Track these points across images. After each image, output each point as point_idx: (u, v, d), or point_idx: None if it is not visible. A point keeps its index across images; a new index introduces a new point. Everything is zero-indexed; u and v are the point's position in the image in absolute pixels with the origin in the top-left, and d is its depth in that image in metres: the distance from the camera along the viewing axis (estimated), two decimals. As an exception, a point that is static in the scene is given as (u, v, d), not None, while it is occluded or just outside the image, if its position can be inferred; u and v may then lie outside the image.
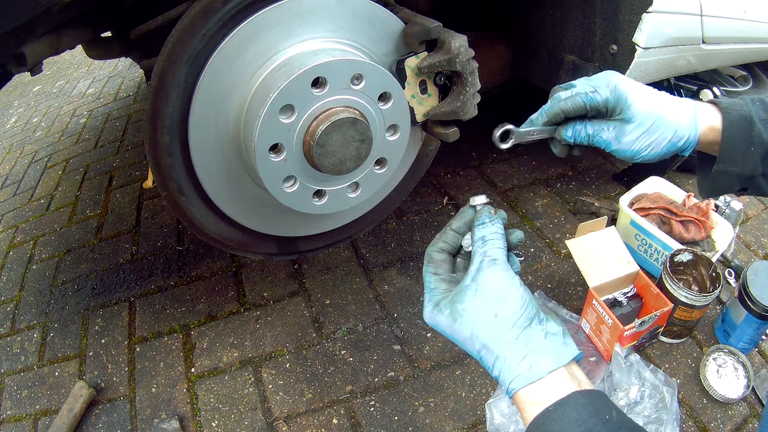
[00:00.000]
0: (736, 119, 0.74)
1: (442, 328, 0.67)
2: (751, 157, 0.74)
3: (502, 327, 0.62)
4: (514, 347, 0.62)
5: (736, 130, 0.74)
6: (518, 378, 0.60)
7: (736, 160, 0.75)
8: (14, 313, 1.82)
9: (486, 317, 0.63)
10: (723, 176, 0.77)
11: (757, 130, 0.73)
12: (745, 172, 0.75)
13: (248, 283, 1.72)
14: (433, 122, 1.22)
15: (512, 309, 0.63)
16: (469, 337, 0.64)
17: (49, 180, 2.56)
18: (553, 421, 0.57)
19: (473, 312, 0.64)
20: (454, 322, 0.65)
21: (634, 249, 1.60)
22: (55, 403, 1.49)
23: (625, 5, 1.28)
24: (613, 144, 0.79)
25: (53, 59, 4.36)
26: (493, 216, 0.70)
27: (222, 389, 1.44)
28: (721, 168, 0.76)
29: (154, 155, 1.02)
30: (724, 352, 1.36)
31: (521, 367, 0.60)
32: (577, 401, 0.58)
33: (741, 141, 0.74)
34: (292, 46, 1.01)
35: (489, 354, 0.63)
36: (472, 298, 0.64)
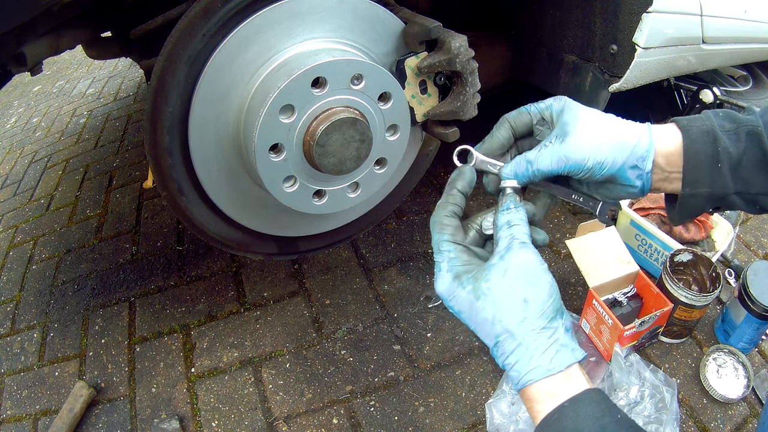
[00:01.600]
0: (697, 135, 0.66)
1: (458, 303, 0.63)
2: (720, 175, 0.66)
3: (531, 314, 0.60)
4: (538, 337, 0.59)
5: (699, 146, 0.66)
6: (537, 369, 0.59)
7: (703, 181, 0.66)
8: (14, 313, 1.82)
9: (514, 301, 0.60)
10: (691, 200, 0.68)
11: (723, 145, 0.65)
12: (715, 192, 0.67)
13: (248, 283, 1.72)
14: (433, 122, 1.22)
15: (542, 296, 0.60)
16: (490, 320, 0.61)
17: (49, 180, 2.56)
18: (569, 417, 0.56)
19: (500, 293, 0.60)
20: (477, 300, 0.61)
21: (634, 249, 1.60)
22: (55, 403, 1.49)
23: (625, 5, 1.28)
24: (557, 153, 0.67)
25: (53, 59, 4.36)
26: (518, 203, 0.68)
27: (222, 389, 1.44)
28: (688, 191, 0.67)
29: (154, 155, 1.02)
30: (724, 352, 1.36)
31: (543, 358, 0.59)
32: (591, 398, 0.57)
33: (706, 158, 0.66)
34: (292, 46, 1.01)
35: (510, 341, 0.60)
36: (500, 278, 0.61)
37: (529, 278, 0.61)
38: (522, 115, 0.74)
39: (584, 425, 0.55)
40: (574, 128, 0.68)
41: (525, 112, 0.74)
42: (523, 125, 0.75)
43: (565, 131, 0.68)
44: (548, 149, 0.68)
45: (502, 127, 0.75)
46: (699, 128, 0.67)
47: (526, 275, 0.61)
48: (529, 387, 0.59)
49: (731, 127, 0.66)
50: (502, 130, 0.75)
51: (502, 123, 0.75)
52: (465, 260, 0.65)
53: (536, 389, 0.59)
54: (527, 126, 0.75)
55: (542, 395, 0.59)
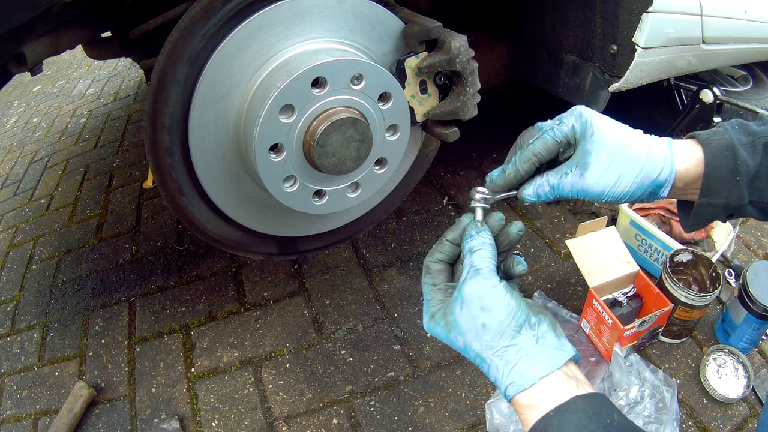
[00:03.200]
0: (718, 150, 0.68)
1: (440, 338, 0.69)
2: (737, 188, 0.67)
3: (490, 337, 0.63)
4: (504, 356, 0.62)
5: (720, 161, 0.67)
6: (511, 386, 0.61)
7: (721, 192, 0.68)
8: (14, 313, 1.82)
9: (473, 328, 0.64)
10: (707, 209, 0.70)
11: (742, 158, 0.67)
12: (731, 203, 0.69)
13: (248, 283, 1.72)
14: (433, 122, 1.22)
15: (498, 318, 0.63)
16: (463, 348, 0.66)
17: (49, 180, 2.56)
18: (554, 427, 0.57)
19: (462, 323, 0.65)
20: (449, 333, 0.67)
21: (634, 249, 1.60)
22: (55, 403, 1.49)
23: (625, 5, 1.28)
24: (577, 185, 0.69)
25: (53, 59, 4.36)
26: (480, 228, 0.70)
27: (222, 389, 1.44)
28: (704, 201, 0.69)
29: (154, 155, 1.02)
30: (724, 352, 1.36)
31: (513, 375, 0.61)
32: (577, 406, 0.58)
33: (726, 172, 0.67)
34: (292, 46, 1.01)
35: (482, 362, 0.64)
36: (459, 310, 0.65)
37: (482, 304, 0.64)
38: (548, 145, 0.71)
39: None
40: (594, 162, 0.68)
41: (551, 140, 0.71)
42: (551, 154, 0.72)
43: (585, 163, 0.69)
44: (569, 179, 0.70)
45: (527, 162, 0.72)
46: (719, 143, 0.68)
47: (479, 301, 0.64)
48: (512, 400, 0.62)
49: (748, 140, 0.68)
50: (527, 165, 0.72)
51: (528, 158, 0.72)
52: (439, 300, 0.71)
53: (518, 402, 0.62)
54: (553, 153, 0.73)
55: (523, 407, 0.61)
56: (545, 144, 0.71)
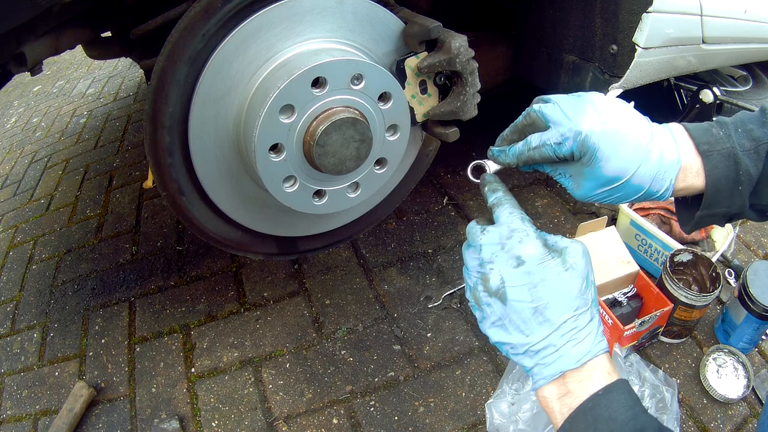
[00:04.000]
0: (719, 161, 0.67)
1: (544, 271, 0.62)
2: (740, 197, 0.67)
3: (595, 295, 0.64)
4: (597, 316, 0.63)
5: (722, 172, 0.66)
6: (602, 342, 0.62)
7: (722, 203, 0.68)
8: (14, 313, 1.82)
9: (590, 280, 0.64)
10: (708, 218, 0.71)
11: (744, 167, 0.66)
12: (731, 211, 0.69)
13: (248, 283, 1.72)
14: (433, 122, 1.22)
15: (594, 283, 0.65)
16: (576, 292, 0.62)
17: (49, 180, 2.56)
18: (602, 406, 0.58)
19: (581, 269, 0.63)
20: (565, 271, 0.62)
21: (634, 249, 1.60)
22: (55, 403, 1.49)
23: (625, 5, 1.28)
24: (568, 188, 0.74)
25: (53, 59, 4.36)
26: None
27: (222, 389, 1.44)
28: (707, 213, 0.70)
29: (154, 155, 1.02)
30: (724, 352, 1.36)
31: (601, 335, 0.62)
32: (624, 387, 0.59)
33: (727, 182, 0.67)
34: (292, 46, 1.01)
35: (586, 314, 0.61)
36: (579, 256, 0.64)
37: (590, 263, 0.65)
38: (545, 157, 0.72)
39: (617, 413, 0.57)
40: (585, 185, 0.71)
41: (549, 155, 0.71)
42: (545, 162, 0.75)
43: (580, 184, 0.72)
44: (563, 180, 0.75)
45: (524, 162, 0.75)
46: (720, 153, 0.67)
47: (590, 261, 0.65)
48: (590, 362, 0.60)
49: (751, 145, 0.67)
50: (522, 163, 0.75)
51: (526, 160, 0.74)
52: (544, 238, 0.66)
53: (596, 363, 0.60)
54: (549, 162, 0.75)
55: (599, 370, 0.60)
56: (543, 156, 0.72)
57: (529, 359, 0.62)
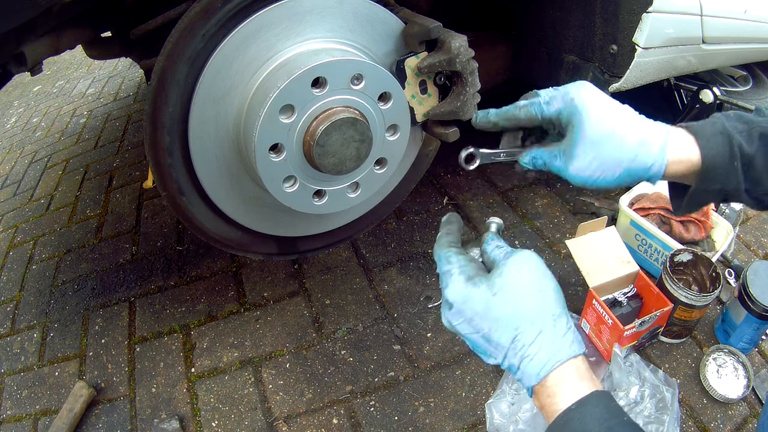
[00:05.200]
0: (712, 137, 0.68)
1: (472, 305, 0.64)
2: (734, 173, 0.67)
3: (548, 302, 0.63)
4: (558, 322, 0.62)
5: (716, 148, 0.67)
6: (559, 352, 0.60)
7: (717, 179, 0.68)
8: (14, 313, 1.82)
9: (530, 291, 0.63)
10: (702, 194, 0.70)
11: (737, 143, 0.67)
12: (726, 188, 0.69)
13: (248, 283, 1.72)
14: (433, 122, 1.22)
15: (553, 286, 0.64)
16: (510, 313, 0.62)
17: (49, 180, 2.56)
18: (576, 420, 0.57)
19: (516, 285, 0.63)
20: (493, 296, 0.63)
21: (634, 249, 1.60)
22: (55, 403, 1.49)
23: (625, 5, 1.28)
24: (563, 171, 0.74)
25: (53, 59, 4.36)
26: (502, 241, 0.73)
27: (222, 389, 1.44)
28: (701, 187, 0.69)
29: (154, 155, 1.02)
30: (724, 352, 1.36)
31: (564, 341, 0.61)
32: (599, 399, 0.58)
33: (722, 158, 0.67)
34: (292, 46, 1.01)
35: (531, 330, 0.61)
36: (515, 272, 0.64)
37: (539, 271, 0.64)
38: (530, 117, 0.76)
39: (591, 427, 0.56)
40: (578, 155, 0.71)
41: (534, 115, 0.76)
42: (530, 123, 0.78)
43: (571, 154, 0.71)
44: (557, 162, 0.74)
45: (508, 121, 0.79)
46: (712, 130, 0.68)
47: (537, 268, 0.64)
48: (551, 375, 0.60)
49: (743, 127, 0.68)
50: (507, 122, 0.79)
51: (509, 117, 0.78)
52: (476, 267, 0.68)
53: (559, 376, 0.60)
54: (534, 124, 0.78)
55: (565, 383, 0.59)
56: (528, 115, 0.76)
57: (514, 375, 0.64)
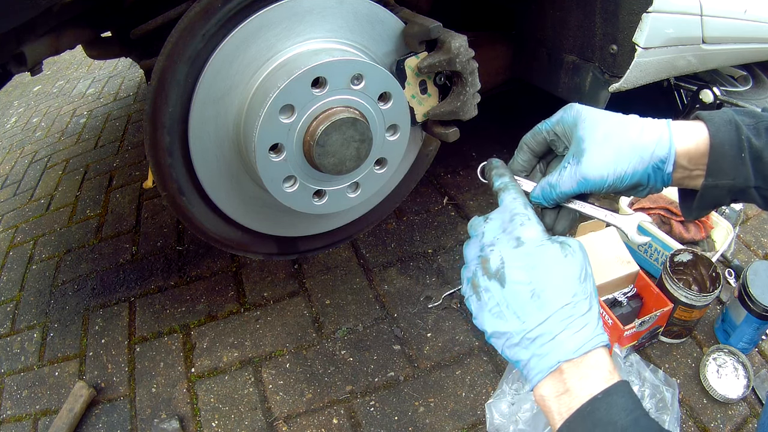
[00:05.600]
0: (721, 124, 0.66)
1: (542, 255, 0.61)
2: (743, 165, 0.65)
3: (593, 289, 0.62)
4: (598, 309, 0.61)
5: (724, 135, 0.66)
6: (603, 335, 0.59)
7: (727, 171, 0.66)
8: (14, 313, 1.82)
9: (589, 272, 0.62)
10: (713, 191, 0.68)
11: (746, 134, 0.65)
12: (737, 184, 0.66)
13: (248, 283, 1.72)
14: (433, 122, 1.22)
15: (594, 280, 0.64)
16: (575, 277, 0.60)
17: (49, 180, 2.56)
18: (602, 409, 0.56)
19: (580, 257, 0.62)
20: (565, 257, 0.61)
21: (634, 249, 1.60)
22: (55, 403, 1.49)
23: (625, 5, 1.28)
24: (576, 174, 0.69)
25: (53, 59, 4.36)
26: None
27: (222, 389, 1.44)
28: (711, 182, 0.67)
29: (154, 155, 1.02)
30: (724, 352, 1.36)
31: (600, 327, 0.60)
32: (625, 389, 0.57)
33: (731, 148, 0.65)
34: (292, 46, 1.01)
35: (585, 302, 0.60)
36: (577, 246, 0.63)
37: (587, 258, 0.63)
38: (537, 136, 0.75)
39: (617, 417, 0.55)
40: (589, 145, 0.69)
41: (538, 132, 0.75)
42: (541, 145, 0.76)
43: (580, 150, 0.69)
44: (567, 171, 0.70)
45: (521, 152, 0.77)
46: (721, 118, 0.67)
47: (587, 256, 0.64)
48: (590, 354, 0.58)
49: (751, 121, 0.67)
50: (521, 154, 0.77)
51: (521, 147, 0.77)
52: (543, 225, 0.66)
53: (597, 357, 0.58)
54: (545, 145, 0.76)
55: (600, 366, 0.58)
56: (534, 134, 0.74)
57: (524, 350, 0.60)
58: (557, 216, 0.76)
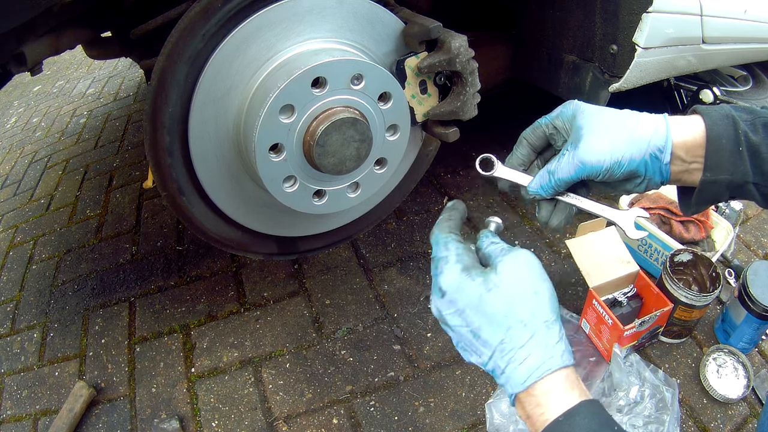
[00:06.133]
0: (718, 118, 0.66)
1: (465, 296, 0.61)
2: (741, 160, 0.65)
3: (542, 306, 0.60)
4: (551, 328, 0.59)
5: (721, 129, 0.65)
6: (551, 360, 0.58)
7: (725, 166, 0.66)
8: (14, 313, 1.82)
9: (526, 293, 0.60)
10: (711, 186, 0.67)
11: (743, 129, 0.65)
12: (735, 180, 0.66)
13: (248, 283, 1.72)
14: (433, 122, 1.22)
15: (549, 290, 0.62)
16: (503, 312, 0.60)
17: (49, 180, 2.56)
18: None
19: (513, 284, 0.60)
20: (488, 291, 0.60)
21: (634, 249, 1.60)
22: (55, 403, 1.49)
23: (625, 5, 1.28)
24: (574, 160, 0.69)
25: (53, 59, 4.36)
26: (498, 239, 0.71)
27: (222, 389, 1.44)
28: (709, 177, 0.67)
29: (154, 155, 1.02)
30: (724, 352, 1.36)
31: (556, 349, 0.58)
32: (588, 410, 0.56)
33: (728, 142, 0.65)
34: (292, 46, 1.01)
35: (522, 333, 0.59)
36: (511, 270, 0.61)
37: (536, 272, 0.62)
38: (536, 130, 0.76)
39: None
40: (587, 132, 0.69)
41: (538, 126, 0.75)
42: (540, 139, 0.76)
43: (579, 136, 0.69)
44: (565, 157, 0.70)
45: (520, 146, 0.77)
46: (719, 113, 0.67)
47: (534, 269, 0.62)
48: (539, 383, 0.57)
49: (748, 117, 0.67)
50: (521, 148, 0.77)
51: (520, 141, 0.77)
52: (473, 258, 0.65)
53: (548, 385, 0.57)
54: (544, 139, 0.76)
55: (554, 392, 0.57)
56: (534, 129, 0.75)
57: (495, 378, 0.62)
58: (553, 209, 0.76)
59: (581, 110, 0.71)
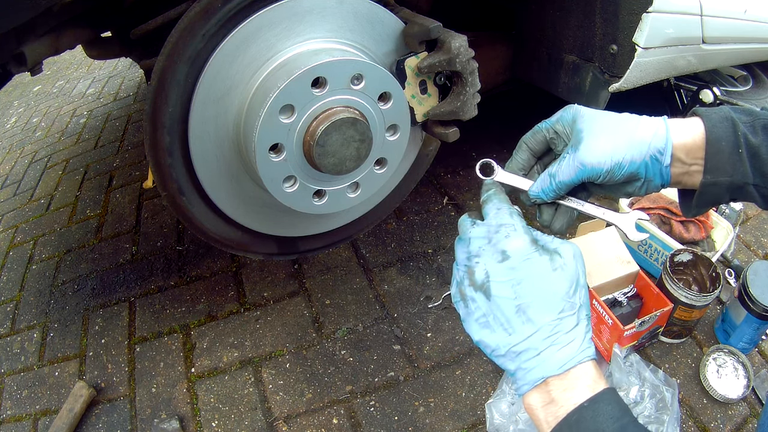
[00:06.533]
0: (718, 120, 0.67)
1: (531, 267, 0.60)
2: (741, 162, 0.65)
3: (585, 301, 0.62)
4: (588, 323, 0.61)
5: (721, 132, 0.66)
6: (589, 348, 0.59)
7: (725, 168, 0.66)
8: (14, 313, 1.82)
9: (580, 282, 0.61)
10: (712, 188, 0.68)
11: (742, 131, 0.65)
12: (735, 182, 0.66)
13: (248, 283, 1.72)
14: (433, 122, 1.22)
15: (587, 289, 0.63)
16: (561, 294, 0.59)
17: (49, 180, 2.56)
18: (588, 418, 0.56)
19: (573, 271, 0.61)
20: (553, 270, 0.60)
21: (634, 249, 1.60)
22: (55, 403, 1.49)
23: (625, 5, 1.28)
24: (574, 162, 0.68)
25: (53, 59, 4.36)
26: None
27: (222, 389, 1.44)
28: (709, 179, 0.67)
29: (154, 155, 1.02)
30: (724, 352, 1.36)
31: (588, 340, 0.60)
32: (611, 397, 0.57)
33: (727, 144, 0.66)
34: (292, 46, 1.01)
35: (571, 318, 0.59)
36: (571, 260, 0.62)
37: (583, 267, 0.63)
38: (536, 134, 0.75)
39: (604, 425, 0.55)
40: (587, 134, 0.69)
41: (538, 130, 0.75)
42: (540, 144, 0.76)
43: (579, 139, 0.69)
44: (566, 160, 0.70)
45: (520, 150, 0.77)
46: (718, 115, 0.68)
47: (583, 264, 0.63)
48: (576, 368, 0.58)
49: (748, 119, 0.67)
50: (521, 153, 0.77)
51: (520, 146, 0.77)
52: (533, 236, 0.64)
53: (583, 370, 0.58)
54: (544, 144, 0.76)
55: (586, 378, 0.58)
56: (534, 133, 0.75)
57: (511, 362, 0.60)
58: (555, 213, 0.76)
59: (581, 114, 0.71)
